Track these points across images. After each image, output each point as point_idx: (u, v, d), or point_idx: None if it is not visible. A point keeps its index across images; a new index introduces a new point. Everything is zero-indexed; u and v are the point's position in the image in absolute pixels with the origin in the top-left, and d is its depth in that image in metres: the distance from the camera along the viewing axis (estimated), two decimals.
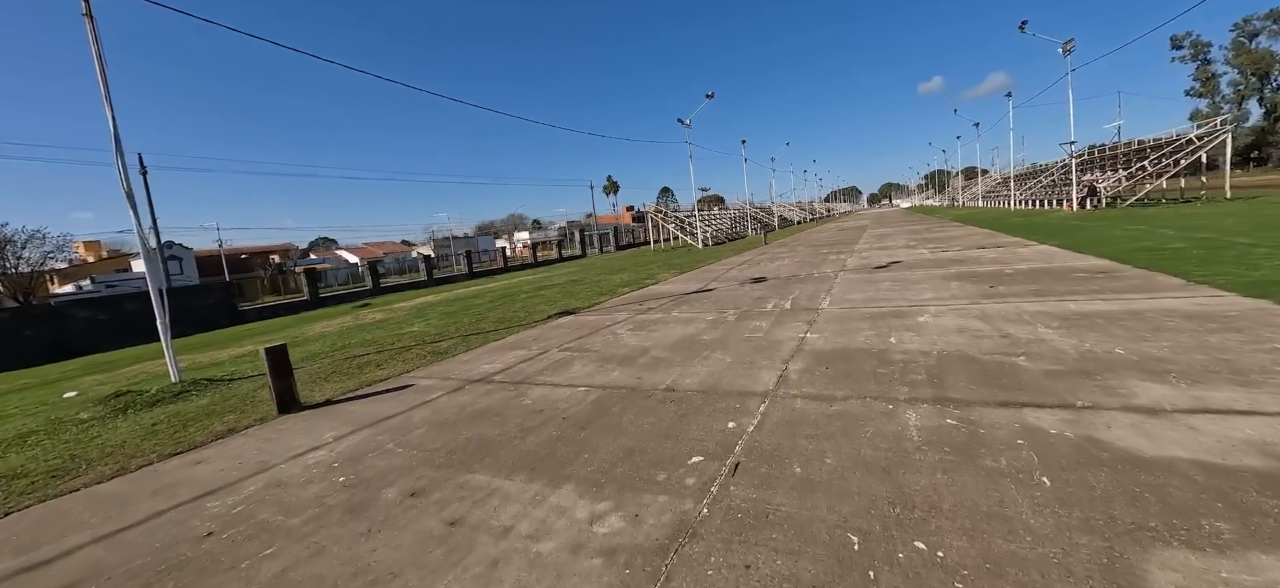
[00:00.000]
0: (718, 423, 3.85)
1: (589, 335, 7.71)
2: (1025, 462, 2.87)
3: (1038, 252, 11.71)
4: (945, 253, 13.49)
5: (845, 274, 11.43)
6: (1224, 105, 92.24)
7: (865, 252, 16.48)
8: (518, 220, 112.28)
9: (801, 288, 10.10)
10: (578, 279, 18.66)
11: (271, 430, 4.92)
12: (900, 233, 24.06)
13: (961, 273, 9.72)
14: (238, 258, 63.49)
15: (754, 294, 9.97)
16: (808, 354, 5.40)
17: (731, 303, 9.23)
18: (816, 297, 8.91)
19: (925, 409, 3.70)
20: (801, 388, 4.40)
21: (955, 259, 11.91)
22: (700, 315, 8.33)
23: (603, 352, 6.54)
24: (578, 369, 5.84)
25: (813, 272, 12.61)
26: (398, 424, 4.63)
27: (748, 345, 6.04)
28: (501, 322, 10.17)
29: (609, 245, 58.42)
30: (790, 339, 6.13)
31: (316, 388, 6.46)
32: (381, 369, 7.09)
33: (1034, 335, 5.20)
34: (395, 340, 9.59)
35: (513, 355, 6.94)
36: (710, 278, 13.85)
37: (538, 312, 10.96)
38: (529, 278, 25.22)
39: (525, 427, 4.20)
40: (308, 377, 7.20)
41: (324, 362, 8.30)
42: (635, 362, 5.87)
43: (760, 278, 12.37)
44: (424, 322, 12.05)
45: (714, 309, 8.79)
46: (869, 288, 9.21)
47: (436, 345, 8.37)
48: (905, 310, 7.00)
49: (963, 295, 7.58)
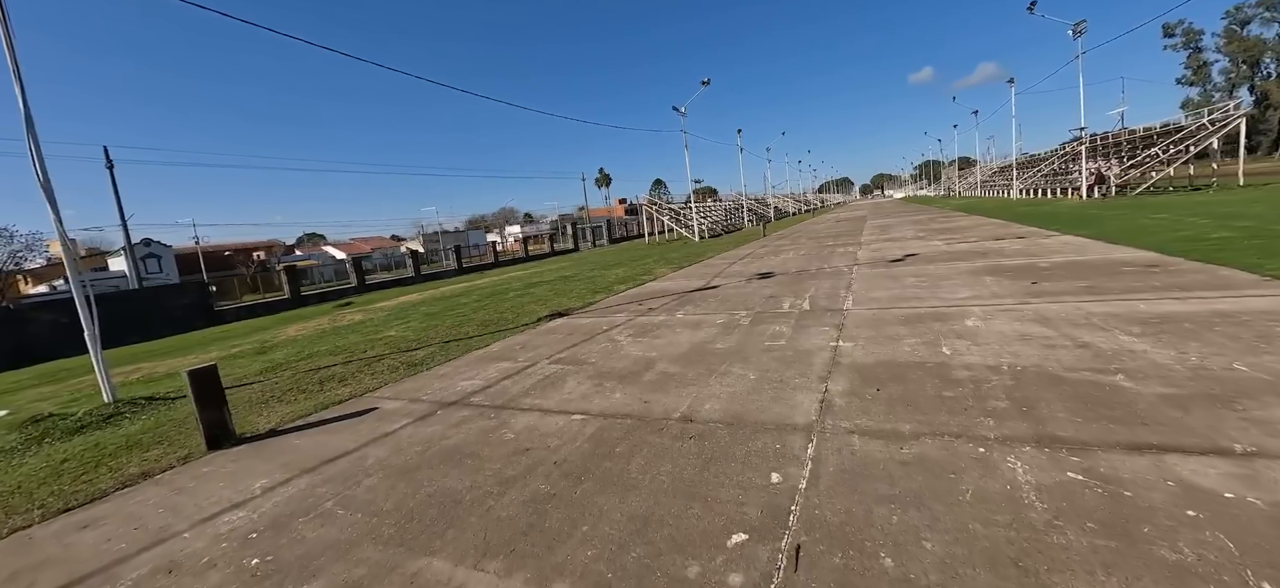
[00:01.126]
0: (756, 473, 2.95)
1: (584, 343, 6.79)
2: (1216, 549, 1.99)
3: (1064, 242, 10.91)
4: (962, 244, 12.68)
5: (860, 269, 10.56)
6: (1215, 93, 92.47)
7: (874, 244, 15.64)
8: (509, 214, 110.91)
9: (816, 285, 9.21)
10: (570, 275, 17.70)
11: (191, 476, 3.96)
12: (903, 224, 23.27)
13: (991, 267, 8.88)
14: (221, 255, 61.84)
15: (764, 292, 9.08)
16: (848, 369, 4.52)
17: (741, 303, 8.34)
18: (836, 295, 8.03)
19: (1030, 454, 2.82)
20: (854, 418, 3.51)
21: (976, 251, 11.08)
22: (709, 318, 7.43)
23: (600, 364, 5.62)
24: (572, 389, 4.91)
25: (823, 266, 11.74)
26: (346, 469, 3.69)
27: (772, 357, 5.14)
28: (487, 325, 9.22)
29: (602, 239, 57.40)
30: (821, 349, 5.24)
31: (266, 411, 5.50)
32: (345, 386, 6.13)
33: (1117, 345, 4.34)
34: (368, 347, 8.61)
35: (496, 369, 6.00)
36: (712, 274, 12.94)
37: (527, 313, 10.01)
38: (520, 274, 24.22)
39: (505, 476, 3.28)
40: (260, 395, 6.23)
41: (284, 375, 7.32)
42: (639, 378, 4.96)
43: (767, 274, 11.49)
44: (403, 324, 11.06)
45: (723, 310, 7.89)
46: (892, 285, 8.34)
47: (412, 355, 7.42)
48: (945, 312, 6.13)
49: (1005, 294, 6.73)
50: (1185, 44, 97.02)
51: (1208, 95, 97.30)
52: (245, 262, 53.60)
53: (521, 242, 52.43)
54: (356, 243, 75.24)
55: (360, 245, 71.97)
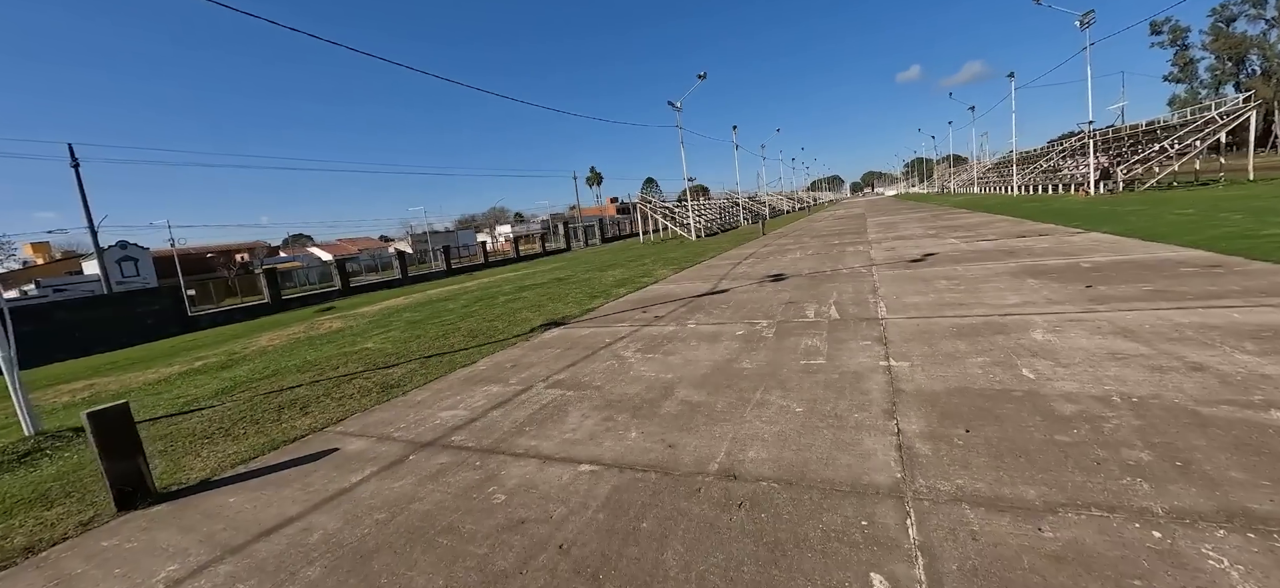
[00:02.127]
0: (847, 572, 2.10)
1: (586, 360, 5.92)
2: None
3: (1095, 240, 10.20)
4: (982, 242, 11.95)
5: (881, 270, 9.77)
6: (1201, 90, 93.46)
7: (885, 242, 14.89)
8: (499, 214, 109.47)
9: (837, 289, 8.41)
10: (564, 277, 16.80)
11: (84, 555, 3.05)
12: (908, 221, 22.60)
13: (1028, 268, 8.12)
14: (201, 257, 60.04)
15: (782, 297, 8.25)
16: (915, 399, 3.69)
17: (759, 309, 7.50)
18: (865, 301, 7.22)
19: (1232, 543, 2.00)
20: (953, 477, 2.67)
21: (1002, 249, 10.34)
22: (726, 328, 6.59)
23: (607, 389, 4.75)
24: (575, 424, 4.05)
25: (837, 267, 10.95)
26: (282, 552, 2.79)
27: (815, 382, 4.30)
28: (475, 336, 8.31)
29: (594, 238, 56.46)
30: (871, 370, 4.41)
31: (206, 451, 4.58)
32: (306, 415, 5.21)
33: (1241, 367, 3.55)
34: (342, 362, 7.68)
35: (483, 395, 5.11)
36: (718, 276, 12.11)
37: (519, 322, 9.11)
38: (511, 275, 23.25)
39: (493, 570, 2.40)
40: (205, 427, 5.30)
41: (241, 398, 6.38)
42: (657, 409, 4.10)
43: (779, 276, 10.67)
44: (383, 334, 10.12)
45: (740, 319, 7.05)
46: (924, 288, 7.55)
47: (388, 373, 6.50)
48: (1001, 322, 5.33)
49: (1061, 299, 5.95)
50: (1172, 41, 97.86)
51: (1194, 92, 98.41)
52: (226, 264, 51.97)
53: (512, 242, 51.33)
54: (342, 244, 73.61)
55: (346, 246, 70.37)
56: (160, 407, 6.59)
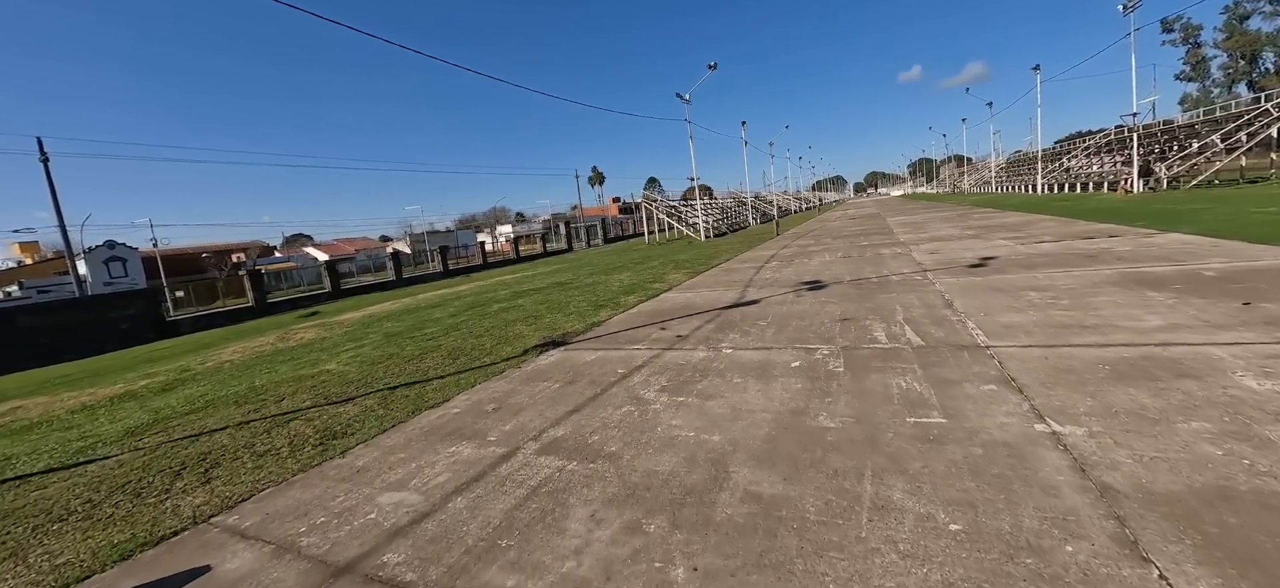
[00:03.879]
0: None
1: (593, 403, 4.43)
2: None
3: (1185, 242, 8.69)
4: (1042, 244, 10.43)
5: (939, 276, 8.26)
6: (1214, 89, 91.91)
7: (921, 243, 13.37)
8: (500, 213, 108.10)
9: (898, 301, 6.91)
10: (566, 281, 15.31)
11: None
12: (933, 221, 21.08)
13: (1132, 277, 6.62)
14: (195, 256, 58.73)
15: (830, 311, 6.75)
16: (1151, 513, 2.19)
17: (810, 328, 6.00)
18: (944, 319, 5.71)
19: None
20: None
21: (1077, 254, 8.82)
22: (775, 355, 5.09)
23: (627, 462, 3.26)
24: (580, 537, 2.55)
25: (882, 272, 9.44)
26: None
27: (947, 460, 2.80)
28: (456, 357, 6.83)
29: (596, 239, 54.95)
30: (1029, 440, 2.91)
31: (30, 556, 3.10)
32: (203, 486, 3.74)
33: None
34: (290, 392, 6.20)
35: (448, 464, 3.62)
36: (741, 282, 10.61)
37: (511, 339, 7.62)
38: (509, 277, 21.77)
39: None
40: (66, 499, 3.82)
41: (145, 445, 4.91)
42: (710, 511, 2.61)
43: (816, 283, 9.16)
44: (355, 350, 8.64)
45: (788, 341, 5.55)
46: (1013, 301, 6.05)
47: (336, 414, 5.02)
48: (1168, 357, 3.83)
49: (1225, 322, 4.45)
50: (1184, 39, 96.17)
51: (1207, 91, 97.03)
52: (218, 264, 50.56)
53: (512, 242, 49.82)
54: (339, 244, 72.23)
55: (343, 246, 68.98)
56: (43, 456, 5.12)
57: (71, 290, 37.86)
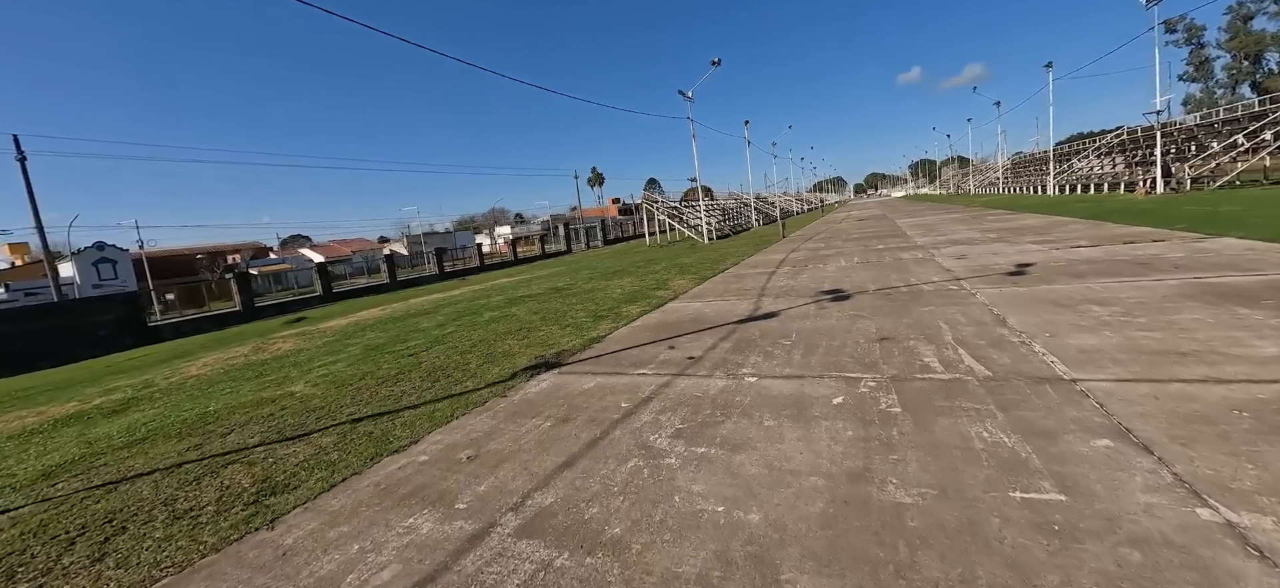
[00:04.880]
0: None
1: (590, 452, 3.59)
2: None
3: (1249, 248, 7.87)
4: (1079, 249, 9.60)
5: (976, 285, 7.43)
6: (1218, 89, 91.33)
7: (941, 248, 12.54)
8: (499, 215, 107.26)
9: (939, 316, 6.07)
10: (563, 287, 14.47)
11: None
12: (947, 223, 20.26)
13: (1206, 289, 5.80)
14: (191, 258, 57.86)
15: (864, 328, 5.92)
16: None
17: (844, 350, 5.16)
18: (1001, 340, 4.88)
19: None
20: None
21: (1128, 261, 7.99)
22: (809, 386, 4.25)
23: (638, 556, 2.42)
24: None
25: (910, 281, 8.60)
26: None
27: (1105, 579, 1.96)
28: (436, 378, 5.99)
29: (596, 240, 54.11)
30: (1200, 534, 2.07)
31: None
32: (84, 575, 2.90)
33: None
34: (242, 423, 5.36)
35: (398, 548, 2.78)
36: (753, 290, 9.77)
37: (500, 355, 6.78)
38: (505, 281, 20.92)
39: None
40: None
41: (28, 516, 4.07)
42: None
43: (837, 293, 8.33)
44: (327, 366, 7.81)
45: (823, 367, 4.71)
46: (1076, 319, 5.22)
47: (282, 458, 4.18)
48: None
49: None
50: (1187, 39, 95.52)
51: (1210, 91, 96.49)
52: (211, 266, 49.65)
53: (510, 243, 48.92)
54: (336, 245, 71.34)
55: (340, 248, 68.09)
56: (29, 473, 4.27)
57: (62, 294, 36.96)
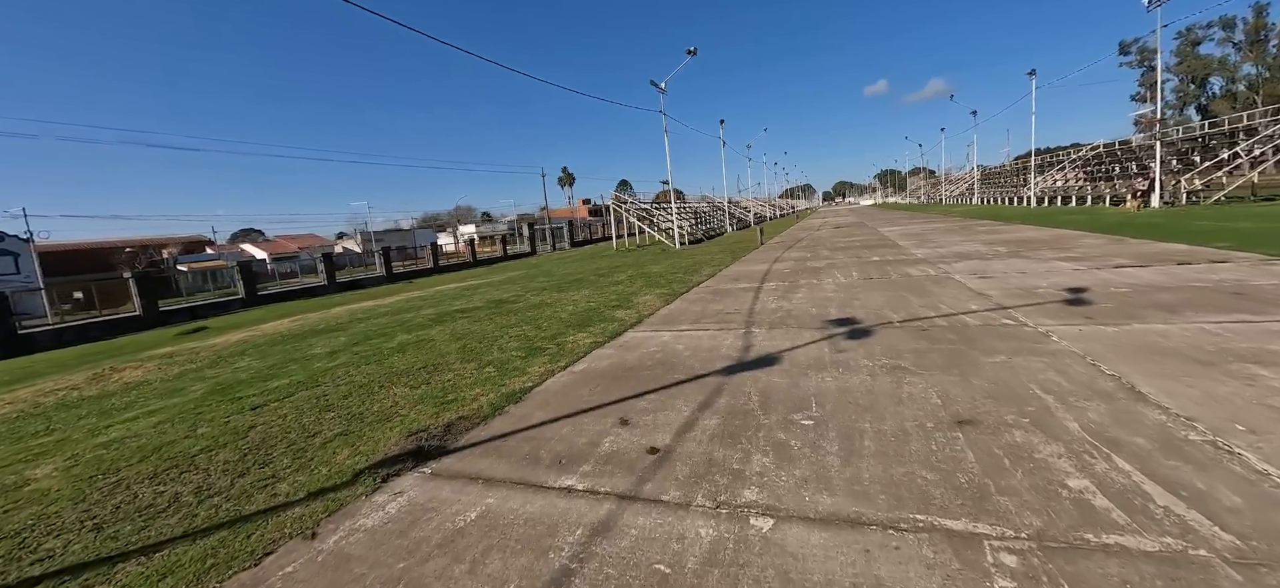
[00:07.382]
0: None
1: None
2: None
3: None
4: (1123, 269, 7.91)
5: (1035, 317, 5.53)
6: (1167, 110, 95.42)
7: (948, 261, 10.77)
8: (465, 212, 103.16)
9: (1021, 376, 4.10)
10: (508, 299, 12.15)
11: None
12: (935, 232, 18.79)
13: None
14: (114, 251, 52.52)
15: (919, 397, 3.89)
16: None
17: (916, 454, 3.12)
18: (1158, 434, 2.91)
19: None
20: None
21: (1195, 286, 6.26)
22: (885, 565, 2.17)
23: None
24: None
25: (939, 306, 6.68)
26: None
27: None
28: (247, 466, 3.68)
29: (562, 242, 51.57)
30: None
31: None
32: None
33: None
34: None
35: None
36: (739, 313, 7.70)
37: (372, 414, 4.49)
38: (449, 288, 18.37)
39: None
40: None
41: None
42: None
43: (851, 323, 6.33)
44: (153, 410, 5.35)
45: (889, 503, 2.65)
46: (1258, 393, 3.32)
47: None
48: None
49: None
50: (1140, 61, 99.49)
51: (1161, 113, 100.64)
52: (133, 261, 44.82)
53: (469, 243, 45.85)
54: (284, 241, 66.49)
55: (287, 244, 63.37)
56: None
57: None
